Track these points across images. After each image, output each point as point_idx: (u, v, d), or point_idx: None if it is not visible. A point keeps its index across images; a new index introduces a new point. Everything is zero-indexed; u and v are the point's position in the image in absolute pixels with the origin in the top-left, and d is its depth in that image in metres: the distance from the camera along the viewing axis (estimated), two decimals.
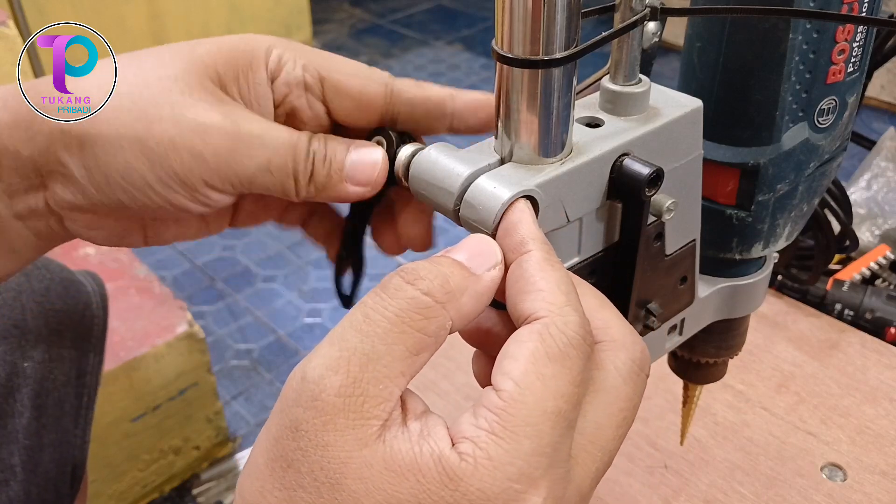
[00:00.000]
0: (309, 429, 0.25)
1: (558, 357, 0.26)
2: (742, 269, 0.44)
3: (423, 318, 0.27)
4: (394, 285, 0.27)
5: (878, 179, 0.96)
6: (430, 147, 0.34)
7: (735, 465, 0.57)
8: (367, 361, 0.26)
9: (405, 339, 0.26)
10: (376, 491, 0.25)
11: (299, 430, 0.25)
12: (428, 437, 0.26)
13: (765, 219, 0.40)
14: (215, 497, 1.27)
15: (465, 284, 0.28)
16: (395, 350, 0.26)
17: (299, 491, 0.25)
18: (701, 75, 0.39)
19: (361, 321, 0.26)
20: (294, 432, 0.25)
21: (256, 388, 1.45)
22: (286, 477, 0.25)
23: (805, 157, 0.39)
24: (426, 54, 2.74)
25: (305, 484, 0.25)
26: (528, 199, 0.30)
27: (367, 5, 3.22)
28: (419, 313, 0.26)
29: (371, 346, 0.26)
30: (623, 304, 0.36)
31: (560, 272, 0.28)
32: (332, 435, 0.25)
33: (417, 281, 0.27)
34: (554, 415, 0.26)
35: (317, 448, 0.25)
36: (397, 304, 0.26)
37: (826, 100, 0.37)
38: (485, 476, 0.25)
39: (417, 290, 0.27)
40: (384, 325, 0.26)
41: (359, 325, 0.26)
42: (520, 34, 0.29)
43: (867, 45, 0.38)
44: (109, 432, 1.13)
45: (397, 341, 0.26)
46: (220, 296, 1.66)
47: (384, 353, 0.26)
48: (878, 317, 0.70)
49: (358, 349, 0.26)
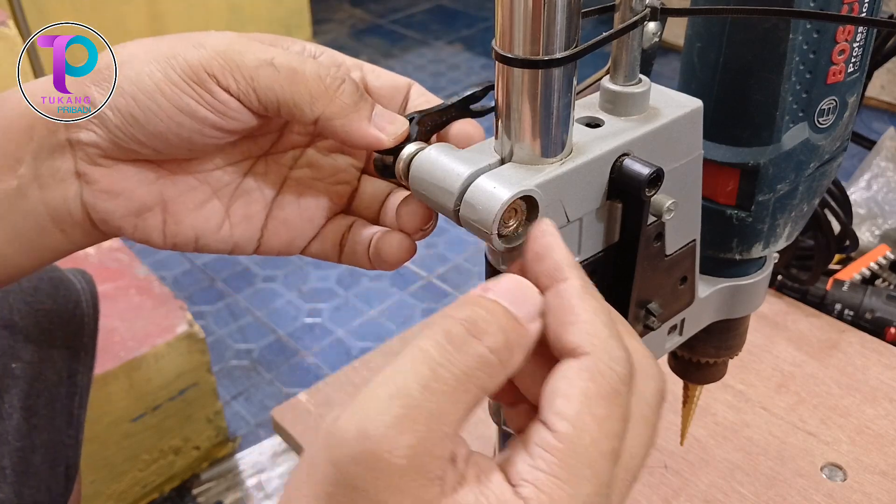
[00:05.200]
0: (369, 489, 0.24)
1: (610, 396, 0.26)
2: (742, 269, 0.44)
3: (488, 378, 0.26)
4: (460, 338, 0.26)
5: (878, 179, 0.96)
6: (430, 147, 0.34)
7: (735, 465, 0.57)
8: (432, 420, 0.25)
9: (469, 398, 0.26)
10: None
11: (357, 490, 0.24)
12: (488, 484, 0.25)
13: (765, 219, 0.40)
14: (215, 497, 1.27)
15: (520, 341, 0.27)
16: (459, 408, 0.25)
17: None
18: (701, 75, 0.38)
19: (429, 377, 0.25)
20: (352, 491, 0.24)
21: (256, 388, 1.45)
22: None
23: (805, 158, 0.39)
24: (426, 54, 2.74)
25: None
26: (527, 199, 0.30)
27: (367, 5, 3.22)
28: (485, 373, 0.26)
29: (437, 404, 0.25)
30: (623, 304, 0.36)
31: (598, 301, 0.28)
32: (395, 497, 0.24)
33: (484, 336, 0.26)
34: (609, 454, 0.26)
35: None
36: (465, 361, 0.26)
37: (826, 100, 0.37)
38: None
39: (485, 348, 0.26)
40: (452, 383, 0.25)
41: (426, 381, 0.25)
42: (520, 34, 0.29)
43: (867, 46, 0.38)
44: (109, 432, 1.13)
45: (462, 399, 0.25)
46: (220, 296, 1.66)
47: (449, 411, 0.25)
48: (878, 317, 0.70)
49: (424, 408, 0.25)
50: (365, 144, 0.35)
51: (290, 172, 0.41)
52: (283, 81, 0.34)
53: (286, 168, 0.41)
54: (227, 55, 0.34)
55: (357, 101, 0.35)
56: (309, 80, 0.34)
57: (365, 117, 0.35)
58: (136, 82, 0.34)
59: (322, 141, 0.41)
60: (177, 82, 0.34)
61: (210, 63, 0.34)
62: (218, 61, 0.34)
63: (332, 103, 0.35)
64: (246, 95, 0.34)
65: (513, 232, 0.31)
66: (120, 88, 0.34)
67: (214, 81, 0.34)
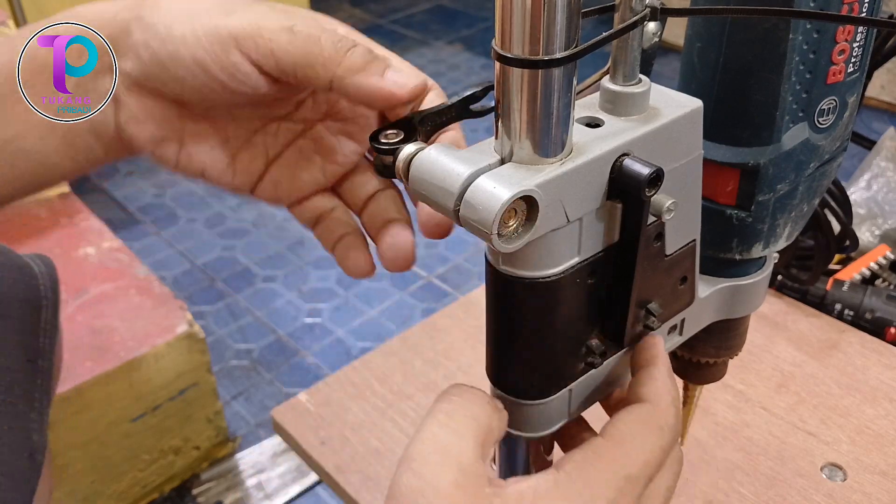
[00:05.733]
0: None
1: (662, 429, 0.35)
2: (742, 269, 0.44)
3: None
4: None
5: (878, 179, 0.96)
6: (430, 147, 0.34)
7: (735, 465, 0.57)
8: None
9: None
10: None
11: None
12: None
13: (765, 219, 0.40)
14: (215, 497, 1.27)
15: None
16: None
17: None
18: (701, 75, 0.38)
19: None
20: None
21: (256, 388, 1.45)
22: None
23: (805, 158, 0.39)
24: (426, 54, 2.74)
25: None
26: (527, 199, 0.30)
27: (367, 5, 3.22)
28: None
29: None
30: (623, 304, 0.36)
31: (674, 382, 0.38)
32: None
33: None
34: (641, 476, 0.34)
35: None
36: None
37: (826, 100, 0.37)
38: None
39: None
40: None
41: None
42: (520, 34, 0.29)
43: (867, 46, 0.38)
44: (109, 432, 1.13)
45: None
46: (220, 296, 1.66)
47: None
48: (878, 317, 0.70)
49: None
50: (380, 98, 0.37)
51: (295, 140, 0.44)
52: (299, 44, 0.37)
53: (292, 136, 0.44)
54: (253, 20, 0.37)
55: (369, 60, 0.37)
56: (324, 44, 0.37)
57: (376, 73, 0.37)
58: (168, 26, 0.37)
59: (333, 121, 0.43)
60: (200, 38, 0.37)
61: (235, 27, 0.37)
62: (243, 25, 0.37)
63: (343, 64, 0.37)
64: (266, 59, 0.37)
65: (512, 232, 0.31)
66: (155, 28, 0.38)
67: (234, 44, 0.37)
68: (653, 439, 0.35)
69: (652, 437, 0.35)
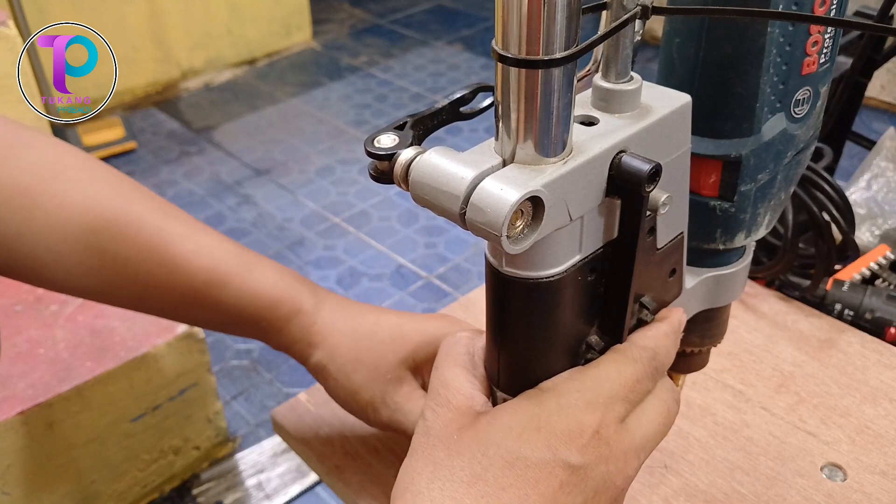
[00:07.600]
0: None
1: (632, 358, 0.37)
2: (725, 258, 0.45)
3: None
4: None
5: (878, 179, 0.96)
6: (430, 151, 0.34)
7: (735, 465, 0.57)
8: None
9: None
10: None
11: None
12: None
13: (747, 208, 0.41)
14: (215, 497, 1.27)
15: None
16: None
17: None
18: (681, 70, 0.39)
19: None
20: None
21: (256, 388, 1.45)
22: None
23: (783, 147, 0.39)
24: (426, 54, 2.74)
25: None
26: (533, 199, 0.30)
27: (367, 5, 3.22)
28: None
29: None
30: (622, 298, 0.36)
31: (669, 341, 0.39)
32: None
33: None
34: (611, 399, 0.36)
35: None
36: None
37: (801, 90, 0.38)
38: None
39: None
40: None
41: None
42: (520, 34, 0.29)
43: (836, 37, 0.39)
44: (109, 432, 1.13)
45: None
46: None
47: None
48: (878, 317, 0.70)
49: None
50: None
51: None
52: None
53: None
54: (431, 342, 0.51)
55: None
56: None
57: None
58: (348, 361, 0.52)
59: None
60: (371, 371, 0.51)
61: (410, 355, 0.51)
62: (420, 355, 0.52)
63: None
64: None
65: (519, 233, 0.31)
66: (343, 357, 0.52)
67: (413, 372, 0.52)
68: (624, 367, 0.36)
69: (622, 366, 0.36)
